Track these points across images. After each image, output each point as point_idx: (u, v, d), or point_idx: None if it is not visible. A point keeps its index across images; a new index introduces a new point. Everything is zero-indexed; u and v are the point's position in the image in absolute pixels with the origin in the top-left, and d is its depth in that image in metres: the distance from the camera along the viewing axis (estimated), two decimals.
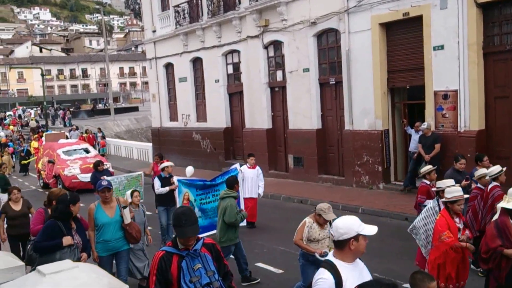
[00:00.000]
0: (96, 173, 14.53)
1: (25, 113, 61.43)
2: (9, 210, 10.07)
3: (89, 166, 20.28)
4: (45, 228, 6.82)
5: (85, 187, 19.60)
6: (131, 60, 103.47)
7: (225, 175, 11.98)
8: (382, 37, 15.46)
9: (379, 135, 15.75)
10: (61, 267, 2.78)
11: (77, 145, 23.74)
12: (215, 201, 11.57)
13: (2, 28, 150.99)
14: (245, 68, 21.21)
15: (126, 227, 7.78)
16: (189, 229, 4.36)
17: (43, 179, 22.79)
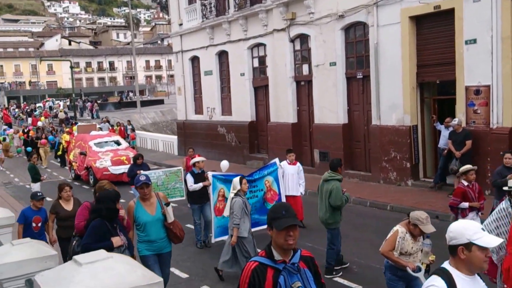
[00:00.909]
0: (134, 166, 14.20)
1: (54, 105, 62.32)
2: (60, 210, 9.04)
3: (120, 159, 20.68)
4: (93, 229, 6.24)
5: (115, 179, 19.45)
6: (157, 53, 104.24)
7: (263, 170, 11.67)
8: (412, 30, 15.12)
9: (408, 131, 15.43)
10: (97, 257, 2.84)
11: (109, 137, 23.56)
12: (252, 197, 11.19)
13: (33, 21, 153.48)
14: (271, 62, 21.03)
15: (170, 226, 7.15)
16: (290, 219, 3.64)
17: (74, 170, 22.67)
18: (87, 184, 20.82)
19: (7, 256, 4.51)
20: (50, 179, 22.19)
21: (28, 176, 16.85)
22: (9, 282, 4.44)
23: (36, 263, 4.43)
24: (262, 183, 11.54)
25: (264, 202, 11.60)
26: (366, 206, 14.31)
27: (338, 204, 8.97)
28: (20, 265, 4.42)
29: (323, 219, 9.30)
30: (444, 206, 12.83)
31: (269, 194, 11.66)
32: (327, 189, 9.06)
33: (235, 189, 9.11)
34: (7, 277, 4.41)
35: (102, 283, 2.58)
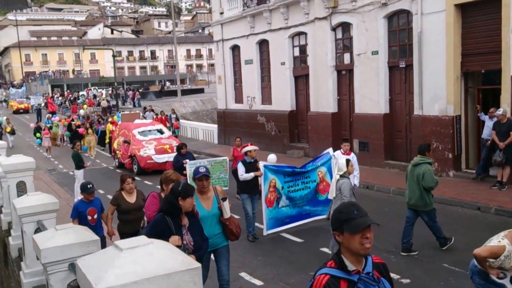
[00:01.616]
0: (179, 156, 13.91)
1: (97, 93, 63.38)
2: (122, 202, 8.58)
3: (164, 147, 20.73)
4: (152, 224, 5.87)
5: (159, 168, 19.62)
6: (198, 42, 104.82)
7: (316, 161, 11.40)
8: (457, 18, 14.83)
9: (450, 121, 15.19)
10: (138, 243, 2.85)
11: (152, 125, 23.56)
12: (304, 188, 10.98)
13: (76, 10, 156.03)
14: (312, 51, 20.94)
15: (226, 221, 6.74)
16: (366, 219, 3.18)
17: (118, 159, 22.73)
18: (131, 172, 20.74)
19: (51, 241, 4.57)
20: (93, 166, 22.66)
21: (72, 163, 17.10)
22: (53, 266, 4.53)
23: (79, 247, 4.49)
24: (315, 174, 11.29)
25: (316, 193, 11.38)
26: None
27: (431, 186, 9.31)
28: (63, 250, 4.48)
29: (416, 203, 9.52)
30: (486, 198, 12.70)
31: (322, 185, 11.40)
32: (418, 173, 9.36)
33: (341, 170, 9.06)
34: (50, 261, 4.49)
35: (142, 268, 2.62)
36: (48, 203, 6.93)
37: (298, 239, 10.84)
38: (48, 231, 5.18)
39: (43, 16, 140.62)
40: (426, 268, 8.85)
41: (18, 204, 7.00)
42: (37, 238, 4.80)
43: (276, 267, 9.30)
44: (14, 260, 9.11)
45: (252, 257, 9.84)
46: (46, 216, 6.84)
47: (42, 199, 7.01)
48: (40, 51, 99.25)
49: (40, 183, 17.96)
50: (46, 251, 4.46)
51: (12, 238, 9.52)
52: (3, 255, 11.39)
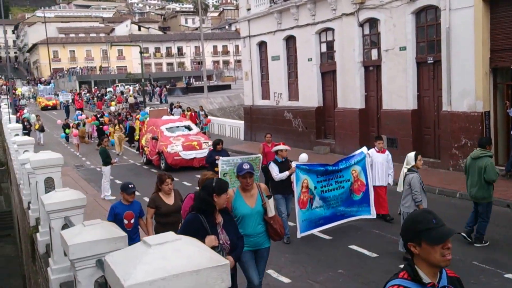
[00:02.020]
0: (213, 152, 13.77)
1: (125, 89, 63.87)
2: (162, 204, 8.02)
3: (191, 144, 20.62)
4: (186, 223, 5.60)
5: (186, 165, 19.98)
6: (225, 39, 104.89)
7: (349, 159, 10.96)
8: (485, 14, 14.63)
9: (479, 117, 15.00)
10: (166, 239, 2.87)
11: (180, 122, 23.47)
12: (338, 188, 10.55)
13: (104, 7, 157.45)
14: (339, 47, 20.85)
15: (270, 220, 6.47)
16: (447, 229, 2.91)
17: (146, 155, 22.69)
18: (159, 168, 20.84)
19: (78, 237, 4.60)
20: (120, 163, 22.90)
21: (99, 160, 17.24)
22: (80, 262, 4.56)
23: (106, 243, 4.50)
24: (349, 172, 10.81)
25: (350, 193, 10.89)
26: (435, 193, 14.08)
27: (494, 179, 9.44)
28: (91, 246, 4.50)
29: (476, 195, 9.61)
30: None
31: (356, 184, 10.92)
32: (480, 166, 9.46)
33: (409, 164, 8.99)
34: (78, 257, 4.52)
35: (170, 264, 2.63)
36: (76, 199, 6.90)
37: (326, 237, 10.82)
38: (75, 227, 5.22)
39: (71, 13, 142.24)
40: (456, 266, 8.73)
41: (46, 200, 6.97)
42: (65, 234, 4.83)
43: (304, 265, 9.29)
44: (42, 256, 9.11)
45: (280, 255, 9.84)
46: (74, 212, 6.83)
47: (70, 195, 6.98)
48: (68, 47, 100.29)
49: (68, 179, 18.16)
50: (74, 247, 4.50)
51: (39, 234, 9.48)
52: (31, 251, 11.47)
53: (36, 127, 30.87)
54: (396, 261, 9.02)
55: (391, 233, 10.56)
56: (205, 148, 20.22)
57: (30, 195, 11.81)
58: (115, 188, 17.23)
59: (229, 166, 12.66)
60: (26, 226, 12.85)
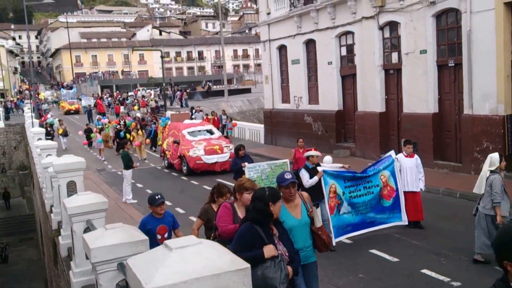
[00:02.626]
0: (237, 159, 13.25)
1: (146, 93, 64.31)
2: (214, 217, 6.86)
3: (213, 148, 20.48)
4: (240, 235, 5.18)
5: (208, 169, 19.98)
6: (245, 43, 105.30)
7: (378, 165, 10.62)
8: (507, 16, 14.50)
9: (501, 121, 14.85)
10: (187, 243, 2.87)
11: (202, 126, 23.31)
12: (367, 194, 10.16)
13: (125, 12, 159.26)
14: (359, 50, 20.80)
15: (318, 231, 5.97)
16: None
17: (167, 159, 22.63)
18: (180, 172, 21.06)
19: (100, 240, 4.62)
20: (141, 166, 23.07)
21: (121, 163, 17.33)
22: (102, 265, 4.58)
23: (128, 247, 4.51)
24: (378, 178, 10.45)
25: (380, 199, 10.48)
26: (455, 197, 13.98)
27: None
28: (112, 249, 4.52)
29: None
30: None
31: (386, 190, 10.51)
32: None
33: (493, 165, 8.73)
34: (100, 261, 4.54)
35: (191, 267, 2.64)
36: (98, 202, 6.96)
37: (347, 241, 10.72)
38: (97, 230, 5.24)
39: (93, 18, 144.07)
40: (478, 271, 8.68)
41: (68, 203, 7.04)
42: (87, 237, 4.87)
43: (324, 269, 9.20)
44: (64, 260, 9.16)
45: None
46: (96, 215, 6.88)
47: (91, 199, 7.04)
48: (90, 52, 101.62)
49: (90, 182, 18.32)
50: (95, 250, 4.53)
51: (62, 238, 9.51)
52: (53, 254, 11.53)
53: (59, 132, 30.64)
54: (416, 265, 9.00)
55: (411, 238, 10.52)
56: (226, 152, 20.33)
57: (52, 198, 11.88)
58: (136, 191, 17.46)
59: (256, 173, 12.36)
60: (48, 229, 12.96)
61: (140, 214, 14.33)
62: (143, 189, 18.35)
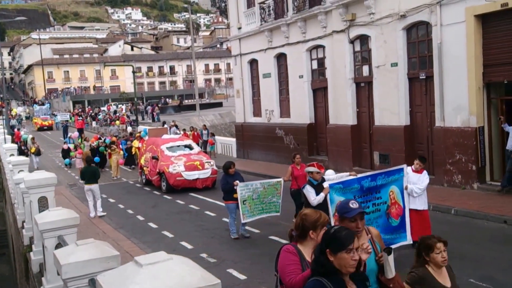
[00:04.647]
0: (227, 177, 12.39)
1: (117, 108, 63.90)
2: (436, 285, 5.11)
3: (194, 164, 19.71)
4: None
5: (189, 186, 19.34)
6: (216, 57, 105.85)
7: (387, 175, 9.33)
8: (477, 29, 14.64)
9: (473, 133, 14.94)
10: (157, 259, 2.89)
11: (181, 141, 22.51)
12: (375, 211, 9.02)
13: (98, 28, 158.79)
14: (330, 64, 20.86)
15: (389, 283, 4.34)
16: None
17: (146, 175, 21.79)
18: (153, 187, 20.61)
19: (71, 256, 4.62)
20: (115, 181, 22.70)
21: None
22: (73, 281, 4.55)
23: (99, 263, 4.52)
24: (387, 194, 9.28)
25: (388, 218, 9.40)
26: (429, 210, 13.90)
27: None
28: (84, 265, 4.52)
29: None
30: None
31: (394, 208, 9.32)
32: None
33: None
34: (71, 277, 4.52)
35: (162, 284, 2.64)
36: (69, 218, 6.98)
37: None
38: (69, 246, 5.27)
39: (65, 34, 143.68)
40: None
41: (40, 219, 7.06)
42: (58, 253, 4.86)
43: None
44: (35, 276, 9.18)
45: (272, 272, 9.45)
46: (67, 231, 6.91)
47: (63, 215, 7.08)
48: (62, 68, 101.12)
49: (61, 198, 18.16)
50: (66, 266, 4.50)
51: (33, 253, 9.62)
52: (24, 270, 11.58)
53: (32, 151, 28.79)
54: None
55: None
56: (208, 168, 19.77)
57: (24, 214, 12.05)
58: (108, 206, 17.20)
59: (248, 192, 11.97)
60: (20, 245, 13.03)
61: (112, 229, 14.37)
62: (116, 204, 18.22)
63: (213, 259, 10.88)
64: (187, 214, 15.84)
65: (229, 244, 12.01)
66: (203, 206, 16.55)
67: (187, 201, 17.57)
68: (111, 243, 9.33)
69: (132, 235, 13.40)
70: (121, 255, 5.58)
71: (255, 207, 12.13)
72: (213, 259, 10.88)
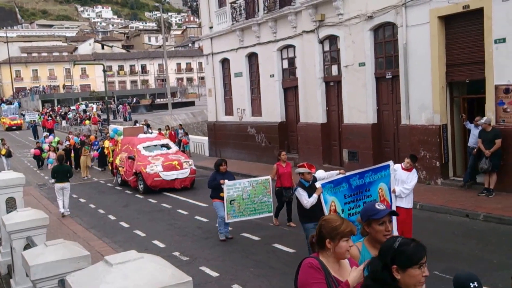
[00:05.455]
0: (217, 174, 12.00)
1: (88, 108, 63.18)
2: None
3: (172, 163, 19.25)
4: None
5: (167, 186, 18.92)
6: (188, 56, 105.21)
7: (375, 172, 9.11)
8: (441, 30, 15.11)
9: (437, 130, 15.42)
10: (127, 258, 2.83)
11: (157, 140, 21.87)
12: None
13: (67, 26, 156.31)
14: (300, 63, 21.18)
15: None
16: None
17: (121, 176, 21.16)
18: (136, 191, 19.82)
19: (40, 257, 4.55)
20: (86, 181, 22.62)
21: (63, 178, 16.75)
22: (42, 282, 4.50)
23: (69, 263, 4.45)
24: (376, 191, 9.16)
25: None
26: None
27: None
28: (53, 266, 4.45)
29: None
30: (474, 205, 12.87)
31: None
32: None
33: None
34: (40, 278, 4.46)
35: (133, 283, 2.60)
36: (38, 218, 6.83)
37: (290, 250, 10.87)
38: (37, 247, 5.17)
39: (33, 32, 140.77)
40: None
41: (7, 220, 6.90)
42: (27, 254, 4.78)
43: (269, 278, 9.28)
44: (3, 277, 8.98)
45: (244, 269, 9.86)
46: (36, 232, 6.75)
47: (31, 215, 6.91)
48: (30, 67, 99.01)
49: (30, 198, 17.85)
50: (35, 267, 4.44)
51: (1, 255, 9.36)
52: None
53: (2, 153, 27.19)
54: None
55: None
56: (186, 168, 19.35)
57: None
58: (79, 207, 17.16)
59: (236, 191, 11.75)
60: None
61: (83, 229, 14.22)
62: (86, 204, 18.08)
63: (186, 257, 10.93)
64: (159, 213, 15.83)
65: (201, 242, 12.09)
66: (176, 205, 16.60)
67: (160, 200, 17.62)
68: (82, 243, 9.28)
69: (104, 235, 13.31)
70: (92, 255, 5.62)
71: (246, 207, 11.88)
72: (185, 257, 10.93)
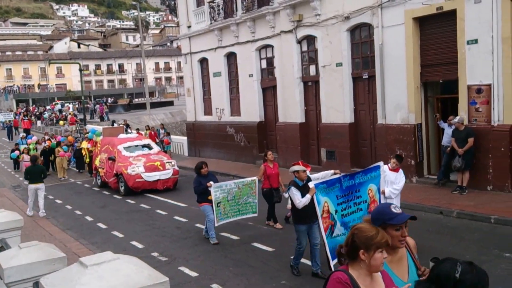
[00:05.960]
0: (200, 177, 11.75)
1: (64, 107, 62.60)
2: None
3: (154, 164, 18.87)
4: None
5: (149, 187, 18.60)
6: (167, 56, 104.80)
7: (365, 173, 9.19)
8: (415, 31, 15.43)
9: (412, 129, 15.75)
10: (103, 259, 2.82)
11: (139, 140, 21.23)
12: (357, 211, 8.74)
13: (42, 25, 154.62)
14: (279, 63, 21.38)
15: None
16: None
17: (101, 177, 20.74)
18: (116, 192, 19.36)
19: (14, 259, 4.44)
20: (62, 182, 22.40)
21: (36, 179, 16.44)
22: (17, 285, 4.42)
23: (44, 265, 4.36)
24: (366, 192, 9.13)
25: None
26: None
27: None
28: (27, 268, 4.35)
29: None
30: (448, 202, 13.21)
31: (373, 206, 9.05)
32: None
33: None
34: (14, 280, 4.37)
35: (108, 284, 2.58)
36: (12, 220, 6.63)
37: (269, 248, 10.98)
38: (11, 249, 5.03)
39: (7, 30, 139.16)
40: None
41: None
42: (0, 257, 4.67)
43: (248, 277, 9.37)
44: None
45: (224, 268, 9.92)
46: (10, 234, 6.54)
47: (5, 217, 6.70)
48: (4, 65, 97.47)
49: (4, 199, 17.66)
50: (9, 270, 4.35)
51: None
52: None
53: None
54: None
55: None
56: (169, 169, 19.02)
57: None
58: (55, 207, 17.06)
59: (222, 193, 11.58)
60: None
61: (59, 230, 14.05)
62: (63, 205, 17.93)
63: (165, 257, 10.91)
64: (138, 213, 15.72)
65: (180, 242, 12.09)
66: (155, 205, 16.55)
67: (138, 201, 17.55)
68: (58, 245, 9.21)
69: (81, 236, 13.16)
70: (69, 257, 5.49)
71: (231, 209, 11.78)
72: (164, 257, 10.91)
